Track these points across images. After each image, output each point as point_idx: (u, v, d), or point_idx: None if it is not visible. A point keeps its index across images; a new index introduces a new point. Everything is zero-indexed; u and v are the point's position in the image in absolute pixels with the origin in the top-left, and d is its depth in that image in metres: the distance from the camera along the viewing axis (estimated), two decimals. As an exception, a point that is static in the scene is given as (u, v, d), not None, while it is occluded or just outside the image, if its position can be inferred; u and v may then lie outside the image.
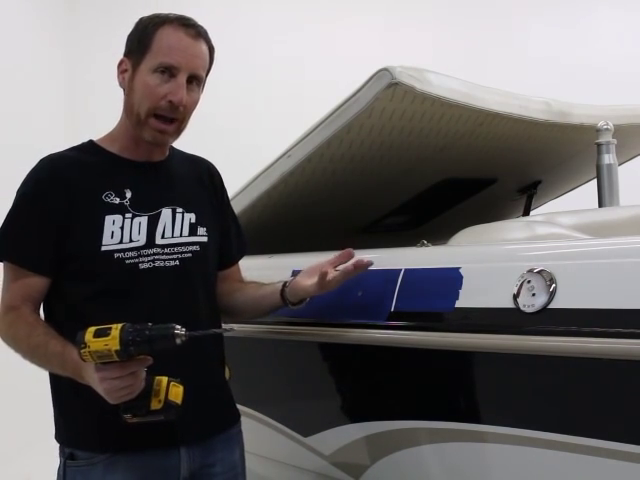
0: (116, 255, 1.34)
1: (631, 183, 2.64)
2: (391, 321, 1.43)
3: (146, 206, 1.39)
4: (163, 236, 1.39)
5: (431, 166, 2.16)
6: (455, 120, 1.90)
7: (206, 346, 1.43)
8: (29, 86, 4.02)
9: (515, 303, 1.23)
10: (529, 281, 1.23)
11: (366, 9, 5.03)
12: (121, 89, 1.42)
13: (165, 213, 1.41)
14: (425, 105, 1.77)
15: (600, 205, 2.31)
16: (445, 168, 2.22)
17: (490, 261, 1.38)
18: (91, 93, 4.37)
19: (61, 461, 1.39)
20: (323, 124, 1.78)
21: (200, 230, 1.45)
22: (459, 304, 1.32)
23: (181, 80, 1.35)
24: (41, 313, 1.39)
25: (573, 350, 1.15)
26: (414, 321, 1.40)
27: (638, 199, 2.26)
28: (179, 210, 1.43)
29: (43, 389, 1.45)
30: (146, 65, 1.36)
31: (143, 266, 1.35)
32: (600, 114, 2.30)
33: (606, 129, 2.23)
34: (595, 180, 2.35)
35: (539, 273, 1.22)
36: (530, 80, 3.94)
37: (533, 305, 1.21)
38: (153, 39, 1.36)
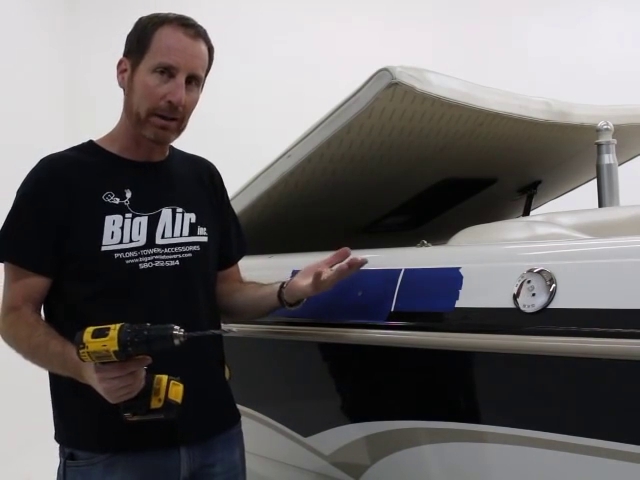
0: (116, 255, 1.34)
1: (631, 183, 2.64)
2: (391, 321, 1.43)
3: (146, 206, 1.39)
4: (163, 236, 1.39)
5: (431, 166, 2.16)
6: (455, 120, 1.90)
7: (206, 346, 1.43)
8: (29, 86, 4.02)
9: (515, 303, 1.23)
10: (529, 281, 1.23)
11: (366, 9, 5.02)
12: (121, 89, 1.42)
13: (165, 213, 1.41)
14: (425, 105, 1.77)
15: (600, 205, 2.31)
16: (445, 168, 2.22)
17: (490, 261, 1.38)
18: (91, 93, 4.37)
19: (61, 461, 1.39)
20: (323, 124, 1.78)
21: (200, 230, 1.45)
22: (459, 304, 1.32)
23: (180, 80, 1.35)
24: (42, 313, 1.39)
25: (573, 350, 1.15)
26: (414, 321, 1.40)
27: (638, 199, 2.26)
28: (179, 210, 1.43)
29: (43, 389, 1.45)
30: (145, 65, 1.36)
31: (143, 266, 1.35)
32: (600, 114, 2.30)
33: (606, 129, 2.23)
34: (595, 180, 2.35)
35: (539, 273, 1.22)
36: (530, 80, 3.94)
37: (533, 305, 1.21)
38: (152, 39, 1.36)
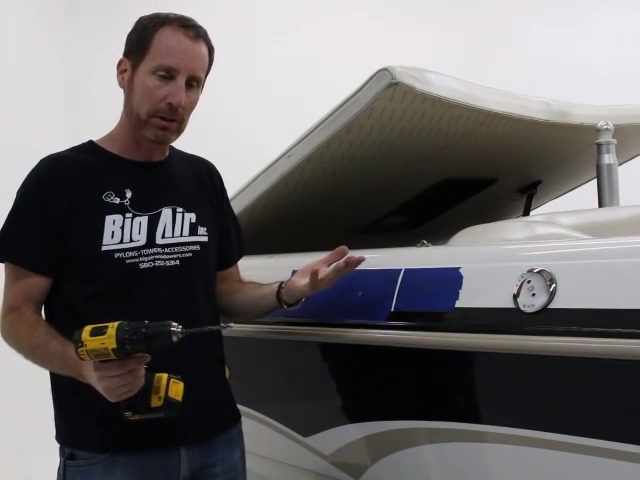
0: (116, 255, 1.34)
1: (631, 183, 2.63)
2: (391, 321, 1.43)
3: (146, 206, 1.39)
4: (163, 236, 1.39)
5: (431, 166, 2.16)
6: (455, 120, 1.90)
7: (206, 346, 1.43)
8: (29, 86, 4.02)
9: (515, 303, 1.23)
10: (529, 281, 1.23)
11: (366, 9, 5.03)
12: (121, 89, 1.42)
13: (165, 213, 1.41)
14: (425, 105, 1.77)
15: (600, 205, 2.31)
16: (445, 168, 2.22)
17: (490, 261, 1.38)
18: (91, 93, 4.36)
19: (61, 461, 1.39)
20: (323, 124, 1.78)
21: (200, 230, 1.45)
22: (459, 304, 1.32)
23: (180, 82, 1.35)
24: (42, 313, 1.39)
25: (573, 350, 1.15)
26: (414, 321, 1.40)
27: (638, 199, 2.26)
28: (179, 210, 1.43)
29: (43, 389, 1.45)
30: (145, 66, 1.35)
31: (143, 266, 1.35)
32: (600, 114, 2.30)
33: (606, 129, 2.23)
34: (595, 180, 2.35)
35: (539, 273, 1.22)
36: (530, 80, 3.94)
37: (533, 305, 1.21)
38: (152, 40, 1.35)
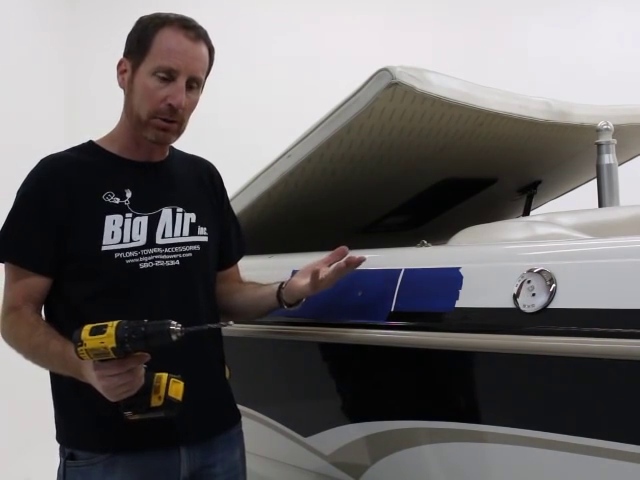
0: (116, 255, 1.34)
1: (631, 183, 2.64)
2: (391, 321, 1.43)
3: (146, 206, 1.39)
4: (163, 236, 1.39)
5: (431, 166, 2.16)
6: (455, 120, 1.90)
7: (206, 345, 1.43)
8: (29, 86, 4.01)
9: (515, 303, 1.23)
10: (529, 281, 1.23)
11: (366, 9, 5.02)
12: (121, 89, 1.42)
13: (165, 213, 1.41)
14: (425, 105, 1.76)
15: (600, 205, 2.31)
16: (445, 168, 2.22)
17: (490, 261, 1.38)
18: (91, 93, 4.36)
19: (61, 461, 1.39)
20: (323, 124, 1.78)
21: (200, 230, 1.45)
22: (459, 304, 1.32)
23: (180, 83, 1.35)
24: (42, 313, 1.39)
25: (573, 350, 1.15)
26: (414, 321, 1.40)
27: (638, 199, 2.26)
28: (179, 210, 1.43)
29: (43, 389, 1.45)
30: (145, 67, 1.35)
31: (143, 266, 1.35)
32: (600, 114, 2.30)
33: (606, 129, 2.23)
34: (595, 180, 2.35)
35: (539, 273, 1.22)
36: (530, 80, 3.94)
37: (533, 305, 1.21)
38: (153, 41, 1.35)
